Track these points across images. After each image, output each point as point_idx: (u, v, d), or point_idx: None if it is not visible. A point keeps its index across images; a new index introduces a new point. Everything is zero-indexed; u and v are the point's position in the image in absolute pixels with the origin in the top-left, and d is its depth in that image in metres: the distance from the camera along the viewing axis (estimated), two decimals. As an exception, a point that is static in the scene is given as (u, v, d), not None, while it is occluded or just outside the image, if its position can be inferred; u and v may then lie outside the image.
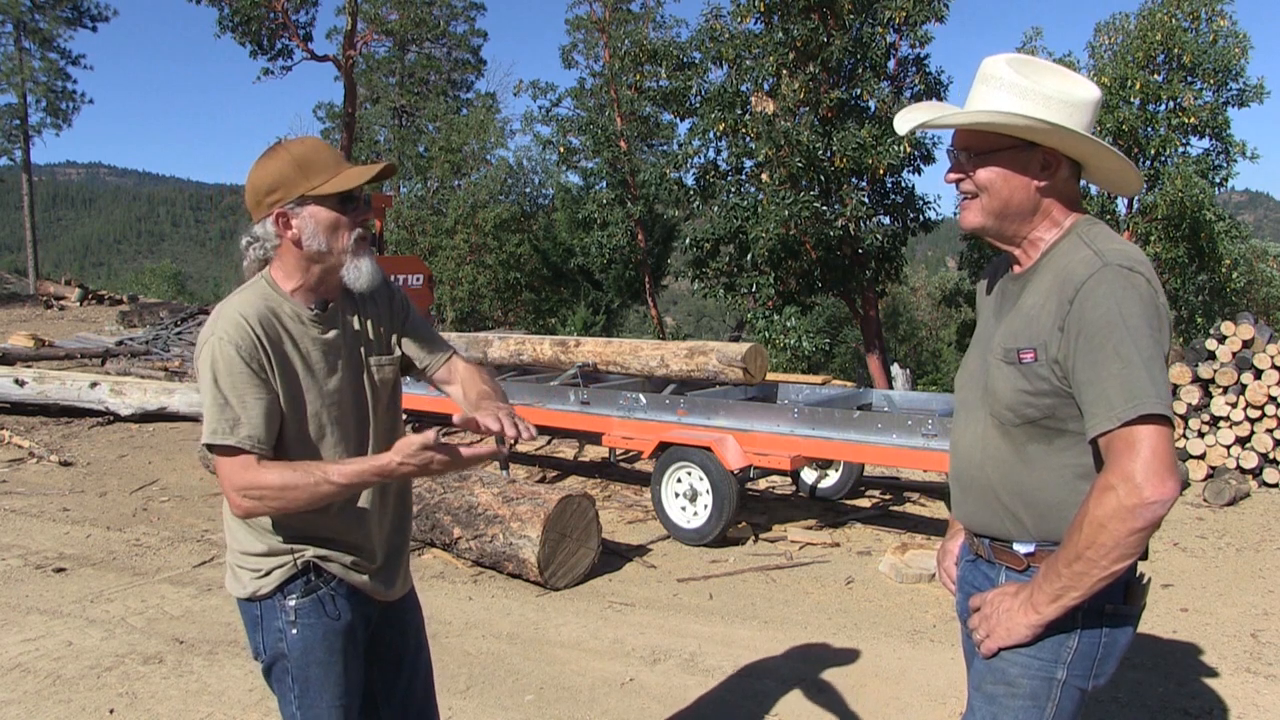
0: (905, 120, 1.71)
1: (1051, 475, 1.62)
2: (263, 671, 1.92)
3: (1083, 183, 1.77)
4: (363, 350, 1.95)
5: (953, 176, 1.70)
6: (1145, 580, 1.67)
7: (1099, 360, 1.50)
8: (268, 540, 1.85)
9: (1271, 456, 6.75)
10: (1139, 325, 1.49)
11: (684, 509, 5.60)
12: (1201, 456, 6.91)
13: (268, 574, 1.85)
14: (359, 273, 1.85)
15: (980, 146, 1.65)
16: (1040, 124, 1.57)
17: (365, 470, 1.75)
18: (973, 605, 1.72)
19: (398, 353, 2.03)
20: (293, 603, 1.85)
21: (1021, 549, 1.67)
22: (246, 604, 1.89)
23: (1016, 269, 1.73)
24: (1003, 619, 1.62)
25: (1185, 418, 7.04)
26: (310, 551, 1.86)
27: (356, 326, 1.94)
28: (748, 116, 14.54)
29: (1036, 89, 1.59)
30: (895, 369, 14.18)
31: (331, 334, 1.89)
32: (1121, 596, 1.62)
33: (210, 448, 1.74)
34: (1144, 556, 1.69)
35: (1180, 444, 7.01)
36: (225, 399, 1.72)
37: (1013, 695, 1.65)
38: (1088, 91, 1.61)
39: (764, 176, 14.41)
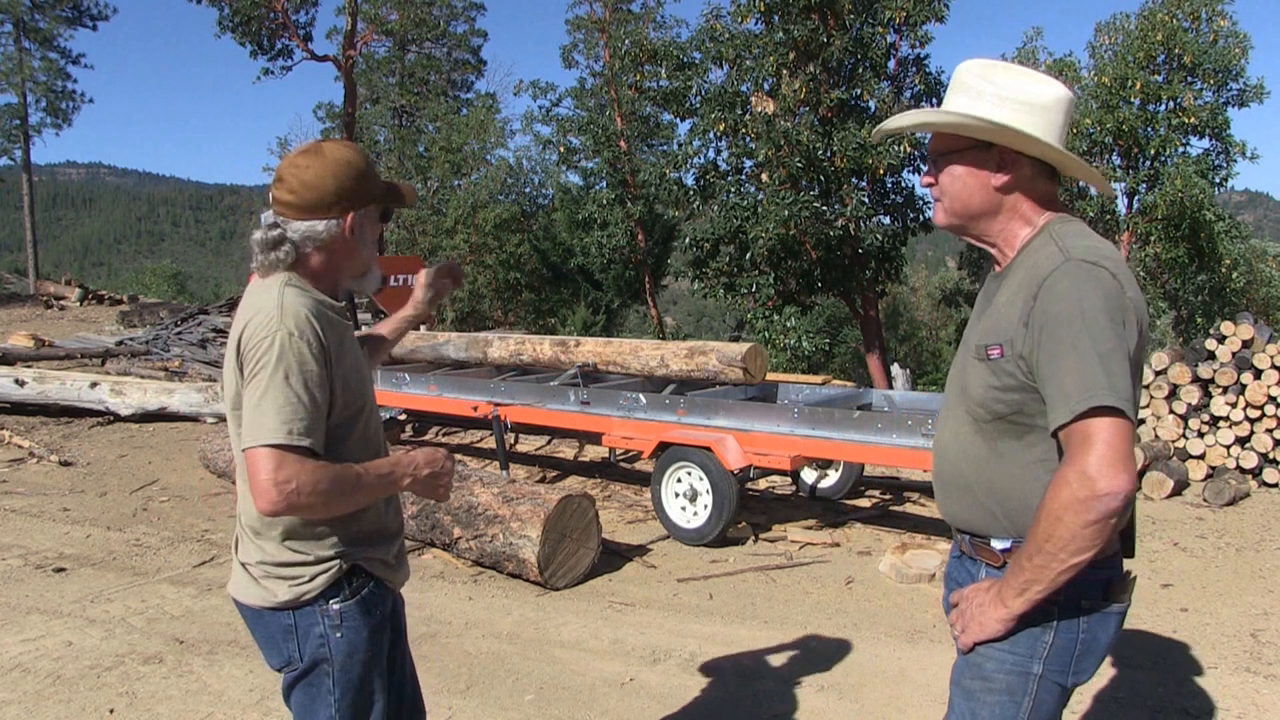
0: (878, 132, 1.86)
1: (1023, 471, 1.63)
2: (289, 680, 1.87)
3: (1082, 183, 1.78)
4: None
5: (924, 180, 1.79)
6: (1130, 577, 1.67)
7: (1058, 354, 1.51)
8: (309, 549, 1.81)
9: (1271, 456, 6.75)
10: (1097, 318, 1.50)
11: (684, 509, 5.60)
12: (1201, 456, 6.91)
13: (311, 580, 1.81)
14: (375, 279, 1.94)
15: (941, 149, 1.71)
16: (972, 120, 1.62)
17: (388, 472, 1.83)
18: (952, 601, 1.75)
19: None
20: (337, 606, 1.82)
21: (998, 545, 1.68)
22: (274, 613, 1.83)
23: (997, 269, 1.76)
24: (976, 614, 1.64)
25: (1185, 418, 7.04)
26: (355, 554, 1.85)
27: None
28: (748, 116, 14.54)
29: (994, 91, 1.63)
30: (895, 369, 14.18)
31: (351, 325, 1.93)
32: (1101, 593, 1.62)
33: (274, 444, 1.65)
34: (1130, 554, 1.69)
35: (1180, 444, 7.01)
36: (299, 398, 1.68)
37: (989, 690, 1.66)
38: (1047, 92, 1.63)
39: (764, 176, 14.41)
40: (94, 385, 8.94)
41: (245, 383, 1.72)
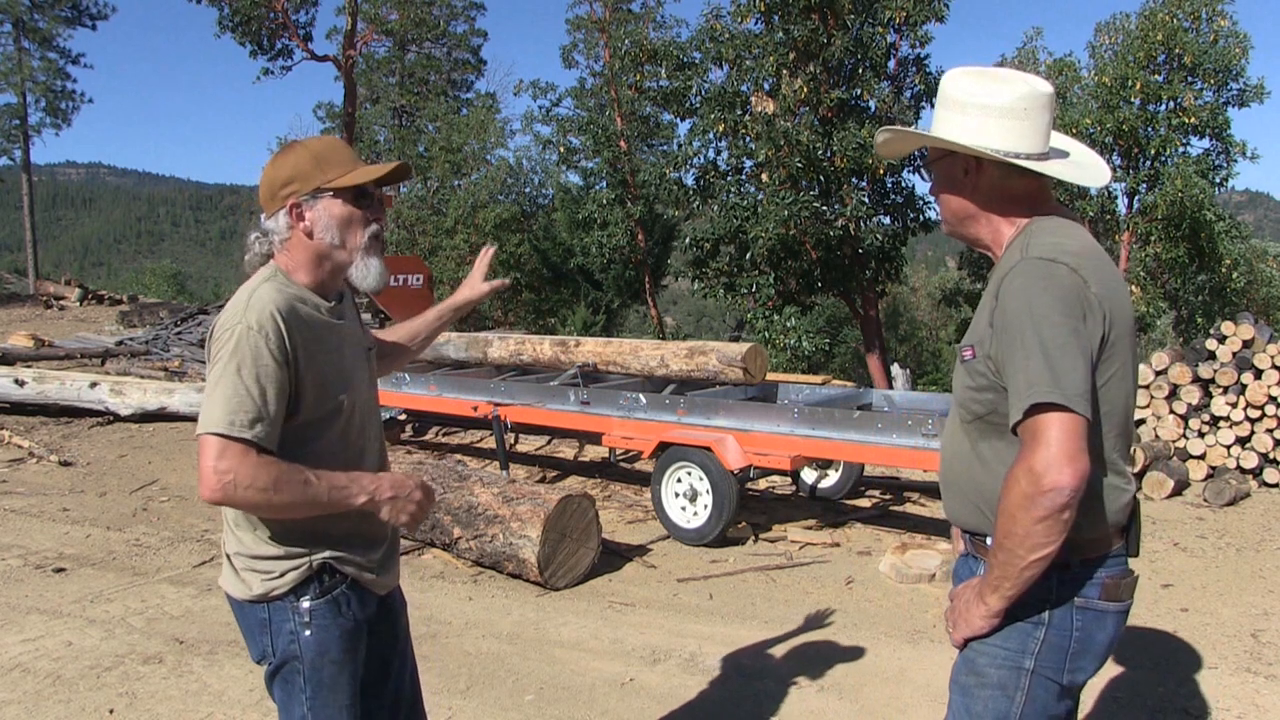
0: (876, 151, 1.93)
1: (1005, 470, 1.63)
2: (267, 674, 1.88)
3: (1080, 184, 1.79)
4: (358, 340, 2.00)
5: (930, 190, 1.84)
6: (1130, 578, 1.67)
7: (1012, 352, 1.54)
8: (281, 543, 1.81)
9: (1271, 456, 6.75)
10: (1047, 314, 1.51)
11: (684, 509, 5.59)
12: (1201, 456, 6.90)
13: (281, 576, 1.81)
14: (367, 271, 1.88)
15: (928, 159, 1.77)
16: (910, 135, 1.73)
17: (344, 485, 1.76)
18: (949, 599, 1.77)
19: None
20: (307, 604, 1.82)
21: (991, 542, 1.69)
22: (251, 606, 1.84)
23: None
24: (963, 611, 1.67)
25: (1185, 418, 7.04)
26: (326, 553, 1.84)
27: (352, 319, 1.99)
28: (748, 117, 14.54)
29: (960, 97, 1.67)
30: (895, 369, 14.18)
31: (344, 324, 1.93)
32: (1097, 591, 1.63)
33: (216, 433, 1.67)
34: (1135, 553, 1.69)
35: (1180, 444, 7.01)
36: (248, 391, 1.69)
37: (982, 685, 1.67)
38: (1003, 93, 1.64)
39: (764, 176, 14.41)
40: (94, 385, 8.94)
41: (207, 372, 1.76)
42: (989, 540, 1.69)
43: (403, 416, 8.03)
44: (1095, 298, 1.54)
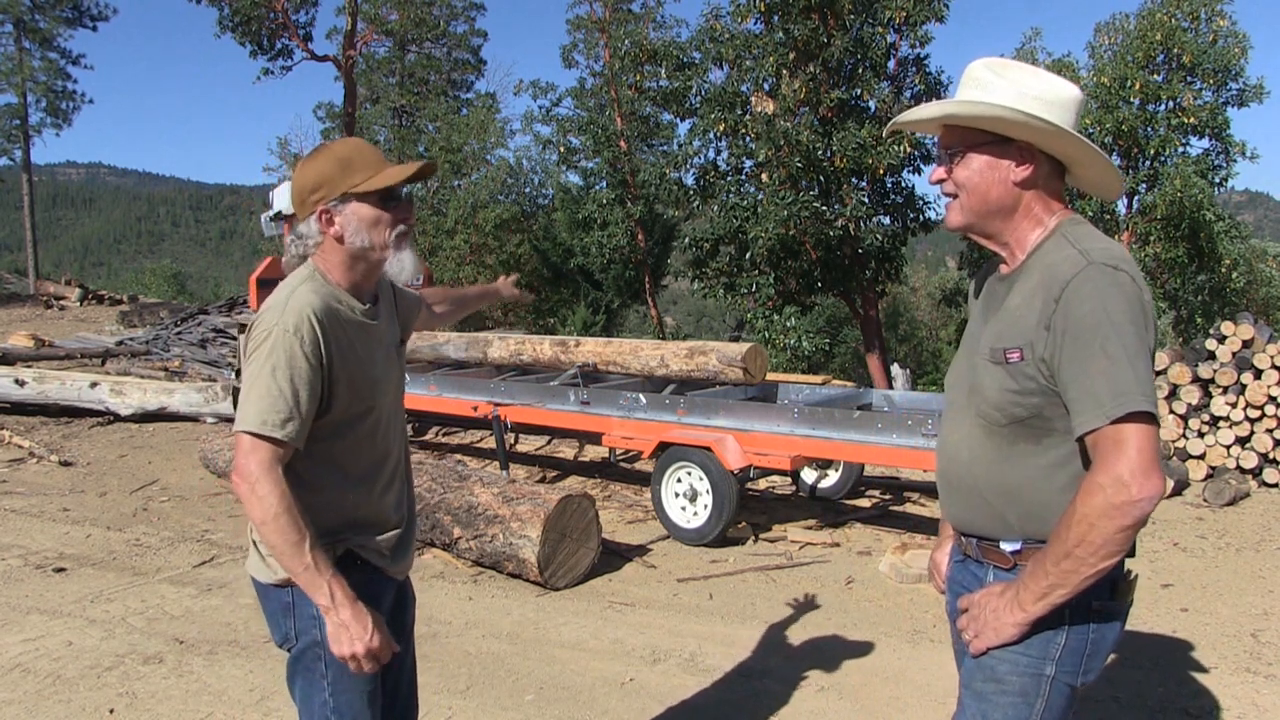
0: (896, 124, 1.80)
1: (1038, 474, 1.62)
2: (290, 661, 1.90)
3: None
4: (389, 340, 2.05)
5: (935, 175, 1.72)
6: (1132, 577, 1.68)
7: (1085, 358, 1.50)
8: None
9: (1271, 456, 6.75)
10: (1124, 323, 1.49)
11: (684, 509, 5.59)
12: (1201, 456, 6.91)
13: None
14: (401, 266, 1.91)
15: (958, 143, 1.66)
16: (1008, 111, 1.58)
17: (312, 578, 1.73)
18: (961, 606, 1.73)
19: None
20: None
21: (1008, 547, 1.68)
22: (276, 590, 1.87)
23: (1004, 269, 1.74)
24: (990, 619, 1.64)
25: (1185, 418, 7.04)
26: (347, 537, 1.89)
27: (386, 318, 2.04)
28: (748, 116, 14.54)
29: (1010, 87, 1.61)
30: (895, 369, 14.18)
31: (376, 325, 1.97)
32: (1109, 593, 1.63)
33: (250, 432, 1.72)
34: (1132, 554, 1.70)
35: (1180, 444, 7.01)
36: (281, 391, 1.73)
37: (1002, 692, 1.66)
38: (1064, 90, 1.62)
39: (764, 176, 14.41)
40: (94, 385, 8.94)
41: (243, 368, 1.81)
42: (1003, 545, 1.68)
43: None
44: (1147, 305, 1.54)
